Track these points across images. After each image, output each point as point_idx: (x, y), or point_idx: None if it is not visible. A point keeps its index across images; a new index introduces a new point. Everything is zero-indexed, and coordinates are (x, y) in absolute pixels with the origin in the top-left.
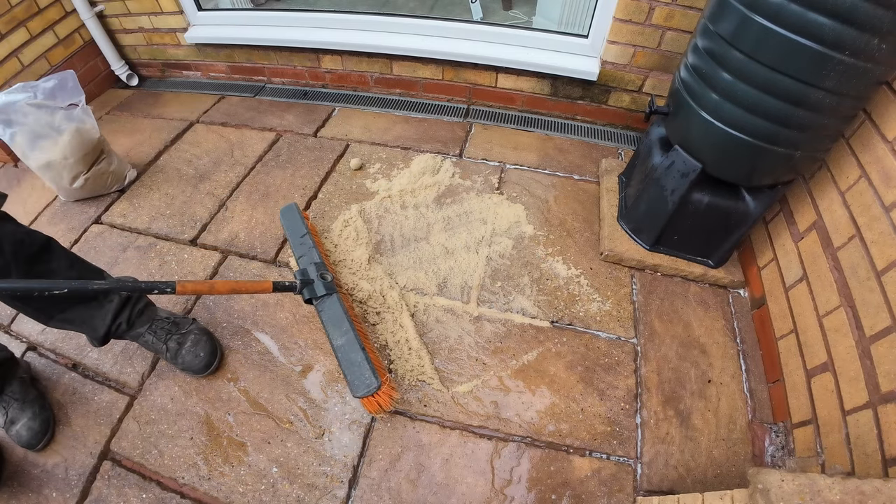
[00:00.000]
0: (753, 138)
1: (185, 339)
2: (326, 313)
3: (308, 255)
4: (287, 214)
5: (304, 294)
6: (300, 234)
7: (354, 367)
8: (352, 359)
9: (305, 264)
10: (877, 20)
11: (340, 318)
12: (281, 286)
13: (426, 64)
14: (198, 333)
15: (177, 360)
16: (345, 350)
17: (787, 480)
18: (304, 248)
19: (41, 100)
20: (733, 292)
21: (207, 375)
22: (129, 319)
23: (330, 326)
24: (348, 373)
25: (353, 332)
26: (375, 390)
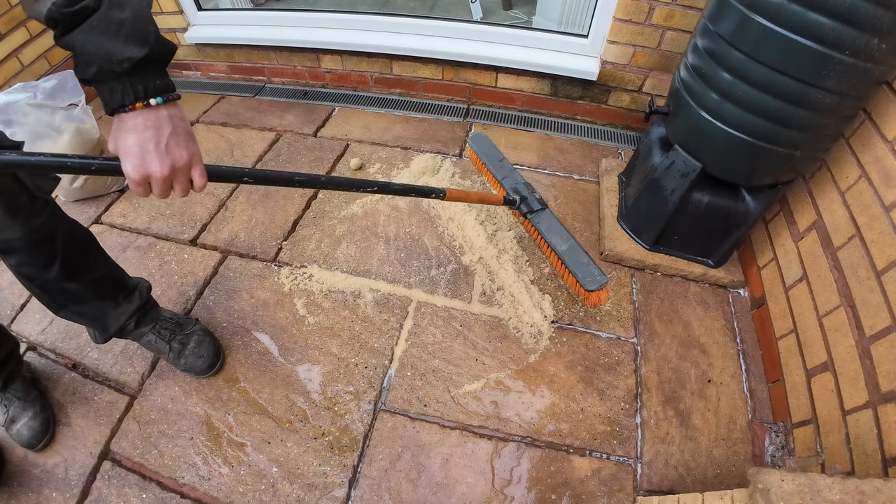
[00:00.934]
0: (753, 138)
1: (189, 340)
2: (544, 224)
3: (511, 177)
4: (478, 140)
5: (521, 208)
6: (498, 159)
7: (583, 266)
8: (579, 261)
9: (512, 184)
10: (877, 20)
11: (559, 228)
12: (507, 200)
13: (426, 64)
14: (201, 335)
15: (179, 360)
16: (570, 254)
17: (787, 480)
18: (504, 170)
19: (41, 100)
20: (733, 292)
21: (209, 376)
22: (138, 320)
23: (550, 235)
24: (578, 272)
25: (573, 239)
26: (606, 283)
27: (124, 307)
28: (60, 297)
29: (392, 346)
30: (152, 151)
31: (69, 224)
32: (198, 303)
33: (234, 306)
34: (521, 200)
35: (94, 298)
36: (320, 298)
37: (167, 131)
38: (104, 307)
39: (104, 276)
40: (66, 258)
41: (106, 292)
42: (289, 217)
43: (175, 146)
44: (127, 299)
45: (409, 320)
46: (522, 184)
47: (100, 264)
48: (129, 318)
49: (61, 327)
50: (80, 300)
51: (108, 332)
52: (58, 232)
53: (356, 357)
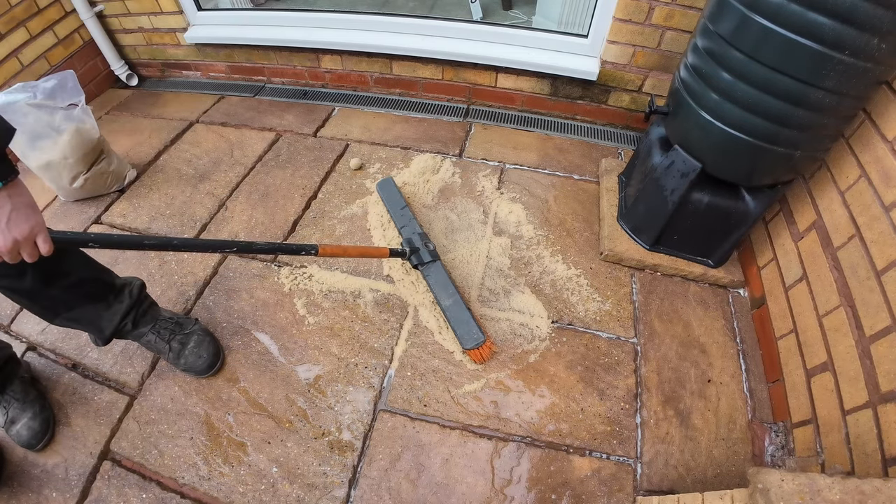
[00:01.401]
0: (753, 138)
1: (188, 340)
2: (433, 277)
3: (410, 226)
4: (384, 187)
5: (412, 260)
6: (400, 207)
7: (463, 323)
8: (460, 317)
9: (408, 234)
10: (877, 20)
11: (446, 282)
12: (395, 252)
13: (426, 64)
14: (201, 334)
15: (179, 360)
16: (453, 309)
17: (787, 480)
18: (404, 219)
19: (41, 100)
20: (733, 292)
21: (209, 376)
22: (135, 320)
23: (437, 289)
24: (458, 328)
25: (458, 295)
26: (482, 343)
27: (115, 308)
28: (49, 305)
29: (392, 346)
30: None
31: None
32: (198, 303)
33: (233, 306)
34: (411, 252)
35: (84, 303)
36: (320, 298)
37: (8, 210)
38: (95, 310)
39: (85, 280)
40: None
41: (93, 295)
42: (289, 217)
43: (16, 222)
44: (117, 299)
45: (409, 320)
46: (419, 234)
47: (78, 266)
48: (124, 318)
49: (61, 328)
50: (70, 306)
51: (104, 334)
52: None
53: (356, 357)
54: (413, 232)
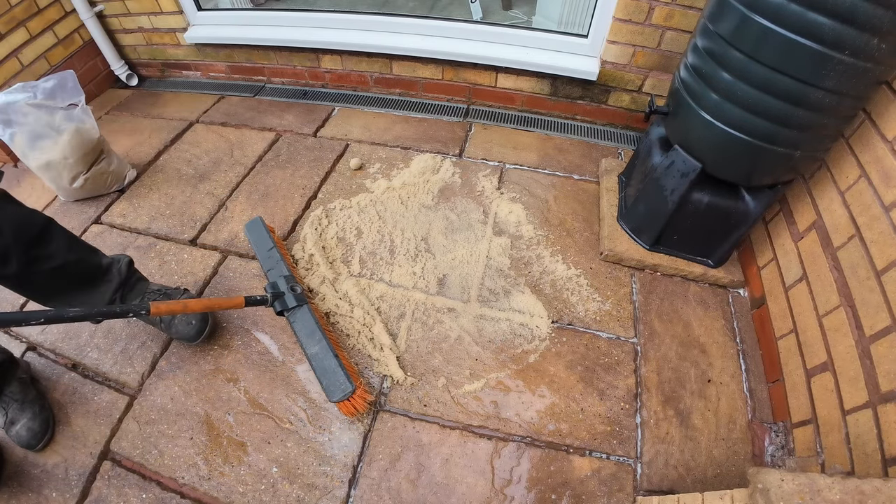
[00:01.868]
0: (753, 138)
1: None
2: (298, 324)
3: (277, 269)
4: (252, 229)
5: (275, 307)
6: (267, 248)
7: (329, 373)
8: (326, 366)
9: (275, 277)
10: (877, 20)
11: (312, 328)
12: (252, 300)
13: (426, 64)
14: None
15: (171, 329)
16: (319, 358)
17: (787, 480)
18: (272, 261)
19: (41, 100)
20: (733, 292)
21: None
22: (123, 295)
23: (303, 336)
24: (323, 379)
25: (325, 341)
26: (350, 394)
27: (104, 288)
28: (39, 289)
29: (392, 345)
30: None
31: (18, 216)
32: None
33: None
34: (274, 298)
35: (73, 286)
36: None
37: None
38: (84, 293)
39: (70, 262)
40: (20, 250)
41: (80, 277)
42: (288, 217)
43: None
44: (104, 279)
45: (407, 320)
46: (285, 276)
47: (61, 250)
48: (113, 296)
49: (61, 327)
50: (60, 290)
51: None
52: (4, 226)
53: (356, 357)
54: (279, 275)
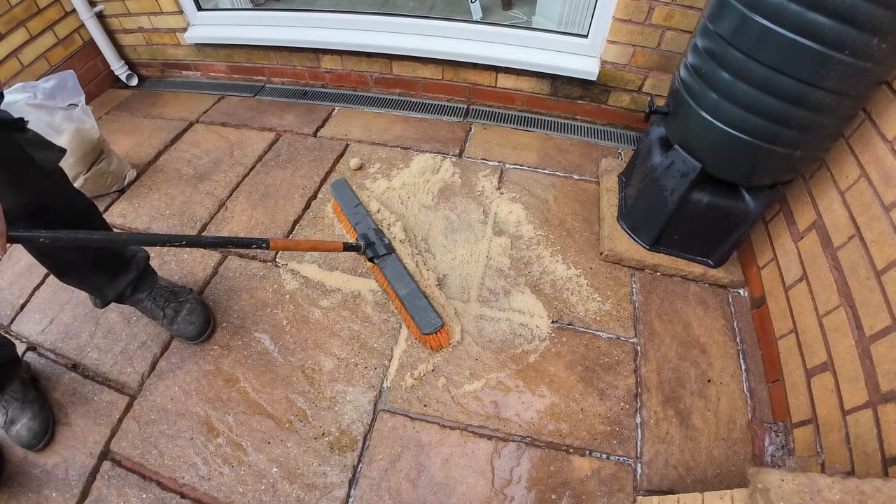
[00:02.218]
0: (753, 138)
1: (182, 308)
2: (388, 269)
3: (364, 222)
4: (338, 188)
5: (367, 253)
6: (353, 205)
7: (420, 310)
8: (417, 305)
9: (363, 230)
10: (877, 20)
11: (402, 273)
12: (349, 246)
13: (426, 64)
14: (193, 303)
15: (172, 326)
16: (409, 298)
17: (787, 480)
18: (358, 216)
19: (41, 100)
20: (733, 292)
21: (200, 343)
22: (135, 286)
23: (393, 280)
24: (416, 316)
25: (414, 284)
26: (440, 328)
27: (122, 278)
28: (62, 265)
29: (392, 346)
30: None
31: (70, 196)
32: None
33: (233, 306)
34: (366, 246)
35: (93, 270)
36: (320, 298)
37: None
38: (102, 278)
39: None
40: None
41: (104, 263)
42: (288, 217)
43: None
44: (124, 270)
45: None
46: (373, 229)
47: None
48: (127, 287)
49: (61, 327)
50: (80, 269)
51: (106, 299)
52: (57, 203)
53: (356, 357)
54: (368, 228)
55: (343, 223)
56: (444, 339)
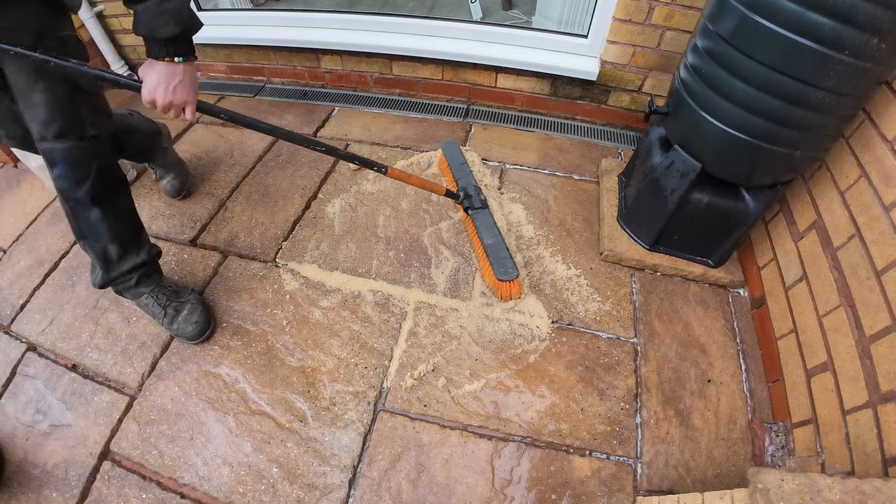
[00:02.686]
0: (753, 138)
1: (183, 308)
2: (479, 220)
3: (465, 179)
4: (448, 147)
5: (463, 203)
6: (459, 163)
7: (500, 259)
8: (498, 254)
9: (464, 184)
10: (876, 20)
11: (491, 225)
12: (450, 193)
13: (426, 64)
14: (195, 303)
15: (172, 326)
16: (493, 248)
17: (787, 480)
18: (462, 173)
19: None
20: (733, 292)
21: (200, 343)
22: (139, 278)
23: (482, 230)
24: (495, 264)
25: (500, 237)
26: (515, 277)
27: (131, 257)
28: (84, 226)
29: (392, 346)
30: (162, 88)
31: (108, 161)
32: None
33: (234, 306)
34: (464, 196)
35: (109, 239)
36: (320, 298)
37: (177, 80)
38: (114, 250)
39: (123, 217)
40: (95, 184)
41: (120, 235)
42: (288, 217)
43: (179, 91)
44: (135, 250)
45: (408, 320)
46: (473, 186)
47: (123, 206)
48: (132, 271)
49: (61, 328)
50: (98, 234)
51: (109, 274)
52: (95, 160)
53: (356, 357)
54: (469, 184)
55: (447, 178)
56: (516, 291)
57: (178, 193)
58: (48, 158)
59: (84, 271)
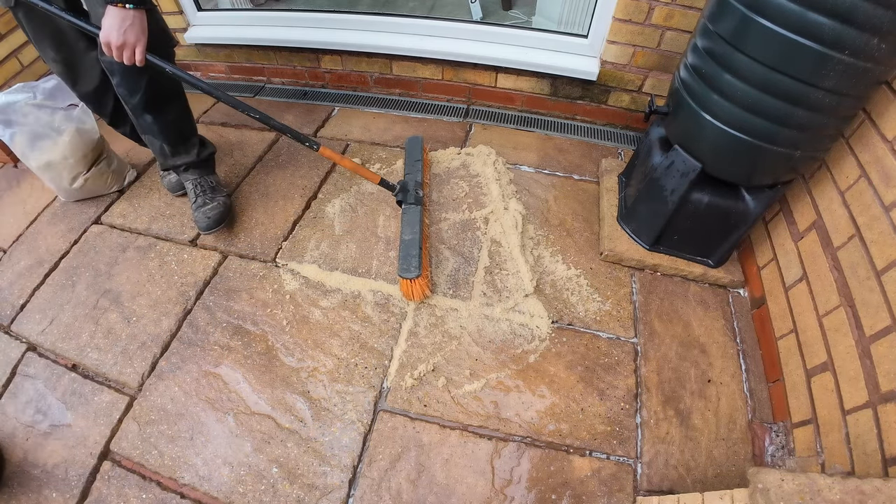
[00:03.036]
0: (753, 138)
1: (210, 202)
2: (407, 216)
3: (413, 175)
4: (412, 142)
5: (397, 196)
6: (415, 159)
7: (408, 257)
8: (409, 251)
9: (409, 179)
10: (876, 20)
11: (414, 223)
12: (385, 183)
13: (426, 64)
14: (220, 203)
15: (196, 212)
16: (407, 244)
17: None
18: (413, 168)
19: (41, 100)
20: (733, 292)
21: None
22: (187, 168)
23: (405, 225)
24: (401, 259)
25: (419, 235)
26: (414, 278)
27: (181, 155)
28: (143, 125)
29: (392, 346)
30: (115, 30)
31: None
32: (198, 303)
33: (233, 306)
34: (400, 189)
35: (162, 139)
36: (320, 298)
37: (128, 23)
38: (167, 148)
39: (173, 124)
40: (146, 95)
41: (170, 137)
42: (288, 217)
43: (129, 32)
44: (184, 151)
45: (408, 320)
46: (415, 182)
47: (173, 115)
48: (181, 165)
49: (61, 328)
50: (154, 134)
51: (165, 163)
52: (145, 74)
53: (356, 357)
54: (412, 179)
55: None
56: (418, 291)
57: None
58: (108, 70)
59: (84, 271)
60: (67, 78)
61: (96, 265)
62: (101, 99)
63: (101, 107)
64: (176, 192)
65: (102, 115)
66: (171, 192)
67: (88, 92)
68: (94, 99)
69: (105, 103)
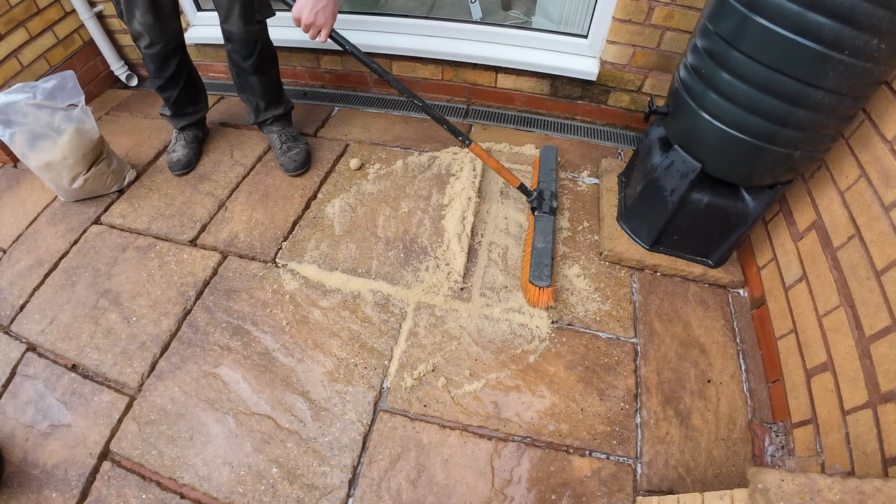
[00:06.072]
0: (753, 138)
1: (293, 149)
2: (540, 224)
3: (547, 184)
4: (546, 151)
5: (533, 203)
6: (549, 168)
7: (541, 265)
8: (542, 260)
9: (544, 187)
10: (876, 20)
11: (548, 231)
12: (523, 188)
13: (426, 64)
14: (302, 149)
15: (281, 158)
16: (541, 252)
17: (787, 480)
18: (548, 178)
19: (41, 100)
20: (733, 292)
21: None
22: (274, 120)
23: (538, 233)
24: (534, 267)
25: (551, 245)
26: (545, 286)
27: (272, 109)
28: (245, 85)
29: (392, 346)
30: (308, 9)
31: (267, 43)
32: (197, 303)
33: (233, 306)
34: (536, 196)
35: (260, 97)
36: (320, 299)
37: (322, 5)
38: (262, 104)
39: (272, 83)
40: (258, 60)
41: (268, 95)
42: (288, 217)
43: (320, 14)
44: (276, 105)
45: (408, 320)
46: (550, 192)
47: (273, 76)
48: (271, 118)
49: (61, 328)
50: (252, 93)
51: (257, 118)
52: (259, 41)
53: (356, 357)
54: (548, 189)
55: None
56: (544, 300)
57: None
58: (227, 37)
59: (84, 271)
60: (142, 39)
61: (96, 265)
62: (167, 60)
63: (162, 68)
64: (177, 171)
65: (161, 77)
66: (173, 170)
67: (156, 53)
68: (161, 59)
69: (168, 64)
